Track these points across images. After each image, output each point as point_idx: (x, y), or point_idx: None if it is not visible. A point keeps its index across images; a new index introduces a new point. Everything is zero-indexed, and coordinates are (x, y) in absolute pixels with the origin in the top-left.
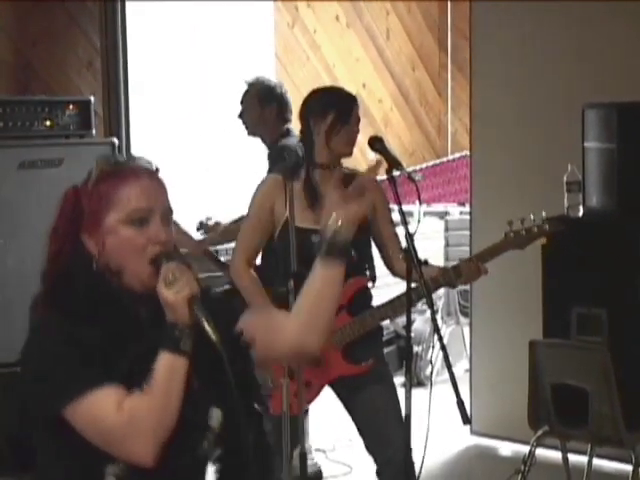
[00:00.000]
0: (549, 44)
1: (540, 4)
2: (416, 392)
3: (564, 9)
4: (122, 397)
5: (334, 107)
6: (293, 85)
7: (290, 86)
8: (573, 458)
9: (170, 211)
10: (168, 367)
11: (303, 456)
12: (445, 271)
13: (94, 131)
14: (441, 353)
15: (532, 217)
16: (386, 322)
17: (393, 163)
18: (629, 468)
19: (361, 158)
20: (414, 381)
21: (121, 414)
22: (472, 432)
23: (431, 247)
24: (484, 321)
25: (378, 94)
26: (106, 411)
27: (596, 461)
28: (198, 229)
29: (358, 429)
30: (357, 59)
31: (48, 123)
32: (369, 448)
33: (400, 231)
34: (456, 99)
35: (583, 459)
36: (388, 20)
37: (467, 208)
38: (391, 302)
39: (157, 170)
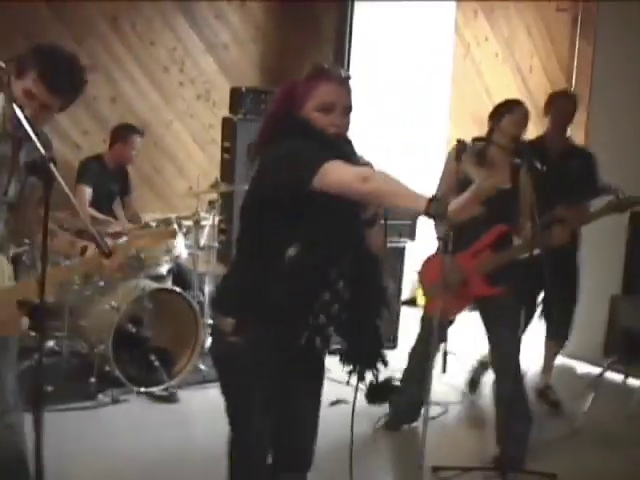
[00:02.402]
0: None
1: None
2: None
3: None
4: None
5: (500, 112)
6: (463, 102)
7: (460, 102)
8: (634, 382)
9: (349, 108)
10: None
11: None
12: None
13: None
14: None
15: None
16: None
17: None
18: None
19: None
20: None
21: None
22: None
23: None
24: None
25: None
26: (347, 176)
27: None
28: None
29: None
30: (507, 85)
31: None
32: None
33: None
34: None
35: None
36: (532, 60)
37: None
38: (518, 247)
39: (348, 77)
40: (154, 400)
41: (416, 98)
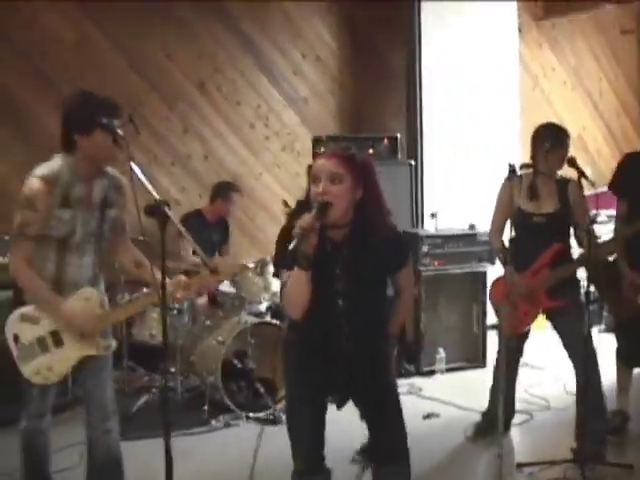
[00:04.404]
0: None
1: None
2: None
3: None
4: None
5: (552, 137)
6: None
7: (530, 129)
8: None
9: (334, 174)
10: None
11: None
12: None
13: (399, 155)
14: None
15: None
16: None
17: (582, 175)
18: None
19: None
20: None
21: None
22: None
23: None
24: None
25: (593, 134)
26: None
27: None
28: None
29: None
30: (579, 110)
31: (371, 151)
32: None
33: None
34: None
35: None
36: (601, 83)
37: None
38: (573, 263)
39: (335, 152)
40: (261, 423)
41: (486, 133)
